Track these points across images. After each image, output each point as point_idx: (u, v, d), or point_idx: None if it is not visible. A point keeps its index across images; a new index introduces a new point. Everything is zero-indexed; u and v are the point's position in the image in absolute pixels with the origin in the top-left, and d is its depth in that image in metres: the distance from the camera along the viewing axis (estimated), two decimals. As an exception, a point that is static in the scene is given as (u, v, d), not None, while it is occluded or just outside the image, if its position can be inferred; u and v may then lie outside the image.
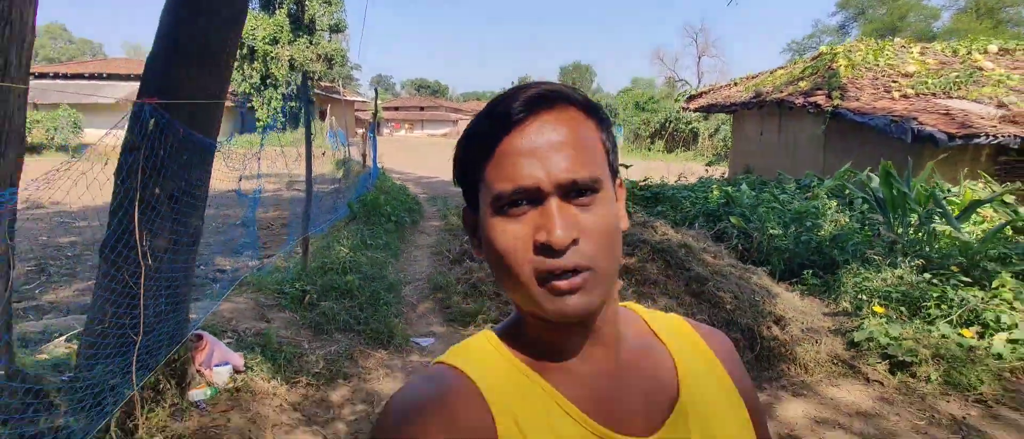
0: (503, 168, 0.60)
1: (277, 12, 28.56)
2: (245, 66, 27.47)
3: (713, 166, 20.55)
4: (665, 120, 31.88)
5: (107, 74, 28.31)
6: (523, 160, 0.60)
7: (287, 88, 27.93)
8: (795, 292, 5.79)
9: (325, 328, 4.67)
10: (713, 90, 17.28)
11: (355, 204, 9.15)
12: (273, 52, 27.94)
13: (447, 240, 8.23)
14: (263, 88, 28.21)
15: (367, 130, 15.41)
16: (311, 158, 6.03)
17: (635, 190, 9.66)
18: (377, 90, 23.66)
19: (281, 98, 27.84)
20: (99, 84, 27.05)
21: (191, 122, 2.86)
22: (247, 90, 27.84)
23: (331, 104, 29.68)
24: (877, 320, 4.63)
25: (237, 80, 26.94)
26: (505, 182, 0.60)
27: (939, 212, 6.14)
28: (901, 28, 40.14)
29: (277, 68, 27.92)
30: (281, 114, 27.21)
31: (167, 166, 2.61)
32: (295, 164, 6.49)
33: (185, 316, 3.05)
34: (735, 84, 16.37)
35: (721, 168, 19.28)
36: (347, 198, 9.43)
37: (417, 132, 60.43)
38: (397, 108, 63.76)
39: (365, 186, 10.89)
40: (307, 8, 29.29)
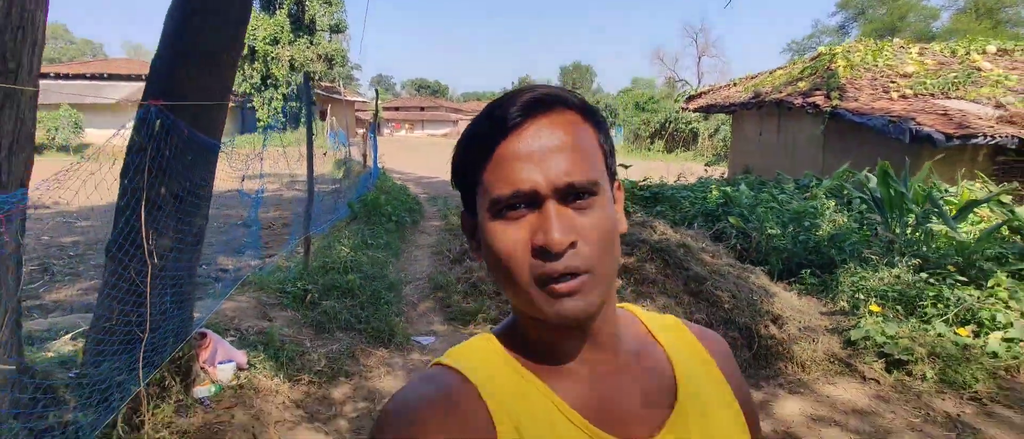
0: (501, 172, 0.61)
1: (277, 12, 28.64)
2: (245, 66, 27.52)
3: (712, 166, 20.56)
4: (665, 120, 31.87)
5: (108, 74, 28.36)
6: (521, 164, 0.60)
7: (287, 88, 27.97)
8: (793, 291, 5.82)
9: (327, 327, 4.71)
10: (712, 90, 17.31)
11: (356, 204, 9.17)
12: (273, 52, 28.00)
13: (447, 240, 8.26)
14: (263, 88, 28.27)
15: (367, 130, 15.43)
16: (313, 158, 6.06)
17: (634, 190, 9.68)
18: (377, 90, 23.71)
19: (282, 98, 27.89)
20: (100, 84, 27.10)
21: (195, 123, 2.91)
22: (247, 90, 27.89)
23: (331, 104, 29.70)
24: (874, 319, 4.66)
25: (237, 80, 26.98)
26: (503, 186, 0.60)
27: (936, 212, 6.17)
28: (901, 28, 40.15)
29: (277, 68, 27.98)
30: (282, 114, 27.25)
31: (172, 166, 2.65)
32: (297, 164, 6.53)
33: (189, 314, 3.10)
34: (734, 84, 16.39)
35: (720, 168, 19.30)
36: (348, 198, 9.45)
37: (417, 132, 60.43)
38: (397, 108, 63.77)
39: (366, 186, 10.91)
40: (307, 8, 29.36)
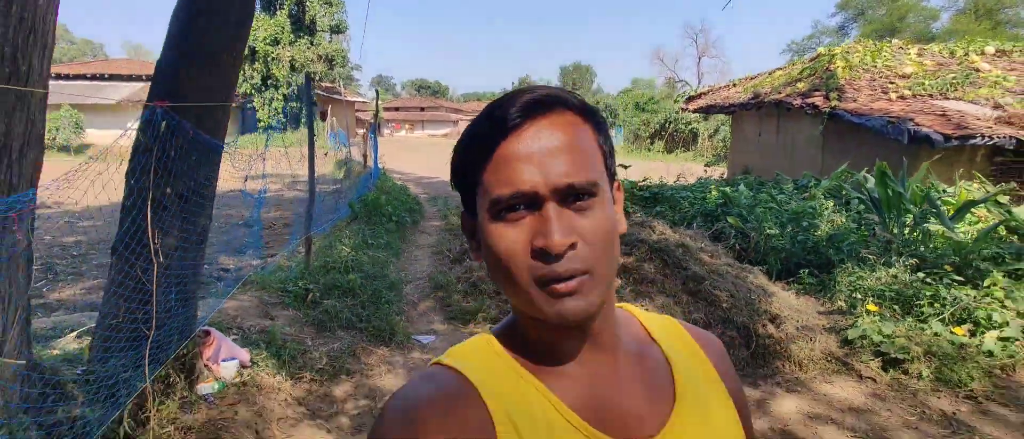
0: (501, 173, 0.61)
1: (278, 13, 28.68)
2: (246, 67, 27.56)
3: (712, 167, 20.60)
4: (665, 121, 31.91)
5: (109, 75, 28.42)
6: (520, 165, 0.60)
7: (288, 89, 28.02)
8: (791, 291, 5.86)
9: (328, 325, 4.74)
10: (712, 91, 17.35)
11: (357, 204, 9.21)
12: (274, 53, 28.04)
13: (447, 240, 8.30)
14: (264, 89, 28.31)
15: (368, 130, 15.46)
16: (314, 158, 6.10)
17: (634, 190, 9.72)
18: (378, 91, 23.76)
19: (282, 99, 27.93)
20: (101, 85, 27.15)
21: (199, 124, 2.95)
22: (248, 91, 27.94)
23: (332, 105, 29.77)
24: (871, 318, 4.70)
25: (238, 81, 26.99)
26: (503, 187, 0.60)
27: (933, 212, 6.21)
28: (900, 29, 40.17)
29: (278, 69, 28.02)
30: (282, 115, 27.30)
31: (177, 167, 2.69)
32: (298, 165, 6.58)
33: (194, 312, 3.14)
34: (734, 85, 16.43)
35: (720, 169, 19.33)
36: (348, 198, 9.49)
37: (417, 132, 60.49)
38: (397, 108, 63.83)
39: (366, 186, 10.95)
40: (308, 9, 29.40)
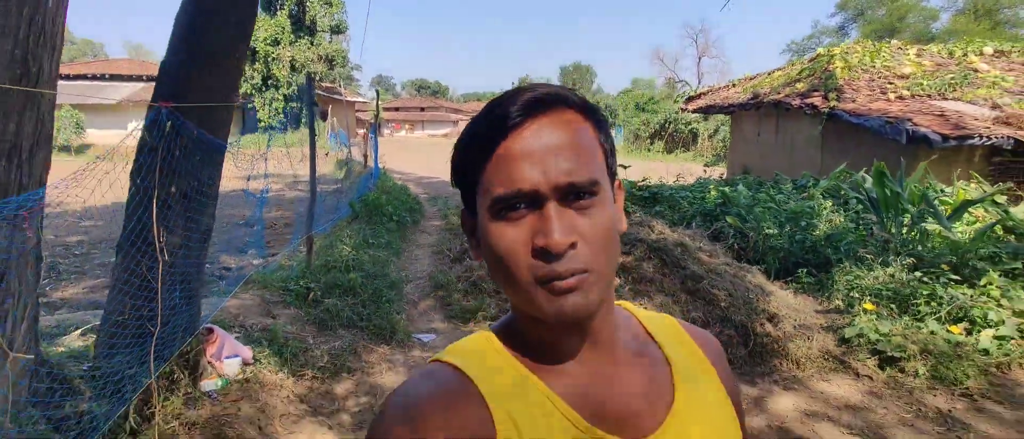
0: (501, 172, 0.60)
1: (278, 13, 28.71)
2: (246, 67, 27.60)
3: (712, 167, 20.64)
4: (665, 121, 31.96)
5: (110, 75, 28.48)
6: (521, 164, 0.60)
7: (288, 89, 28.05)
8: (789, 290, 5.90)
9: (329, 324, 4.78)
10: (711, 91, 17.39)
11: (357, 204, 9.25)
12: (274, 53, 28.07)
13: (448, 239, 8.34)
14: (264, 89, 28.35)
15: (368, 131, 15.49)
16: (315, 158, 6.14)
17: (633, 190, 9.76)
18: (378, 91, 23.80)
19: (283, 99, 27.97)
20: (102, 85, 27.19)
21: (202, 124, 2.99)
22: (248, 91, 27.97)
23: (332, 105, 29.81)
24: (868, 317, 4.74)
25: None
26: (503, 186, 0.60)
27: (931, 212, 6.25)
28: (900, 29, 40.22)
29: (278, 69, 28.05)
30: (283, 115, 27.35)
31: (181, 166, 2.73)
32: (299, 165, 6.63)
33: (198, 310, 3.18)
34: (733, 85, 16.47)
35: (719, 169, 19.36)
36: (349, 198, 9.53)
37: (418, 132, 60.56)
38: (398, 109, 63.90)
39: (366, 186, 10.99)
40: (308, 9, 29.44)
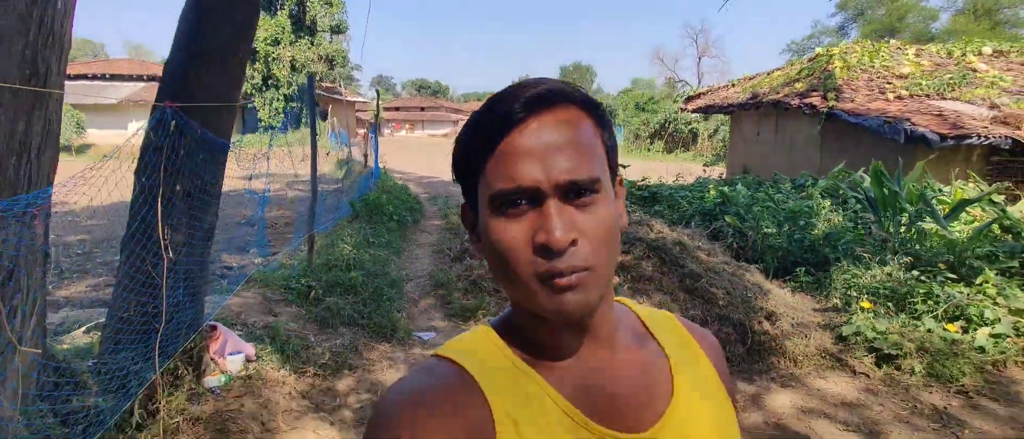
0: (503, 168, 0.60)
1: (279, 13, 28.75)
2: (247, 66, 27.62)
3: (711, 166, 20.68)
4: (665, 121, 32.00)
5: (110, 75, 28.52)
6: (523, 161, 0.60)
7: (289, 89, 28.10)
8: (787, 289, 5.93)
9: (330, 322, 4.82)
10: (711, 91, 17.43)
11: (358, 203, 9.29)
12: (275, 53, 28.12)
13: (448, 238, 8.37)
14: (264, 89, 28.40)
15: (368, 130, 15.54)
16: (316, 158, 6.18)
17: (633, 190, 9.80)
18: (378, 91, 23.84)
19: (283, 99, 28.02)
20: (102, 84, 27.24)
21: (205, 123, 3.03)
22: (248, 91, 28.02)
23: (332, 105, 29.86)
24: (865, 315, 4.77)
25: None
26: (505, 182, 0.60)
27: (928, 211, 6.29)
28: (900, 29, 40.25)
29: (279, 69, 28.10)
30: (283, 115, 27.39)
31: (185, 165, 2.77)
32: (300, 164, 6.67)
33: (201, 307, 3.22)
34: (733, 85, 16.51)
35: (719, 168, 19.40)
36: (349, 197, 9.57)
37: (418, 132, 60.62)
38: (398, 108, 63.97)
39: (367, 186, 11.03)
40: (308, 9, 29.48)
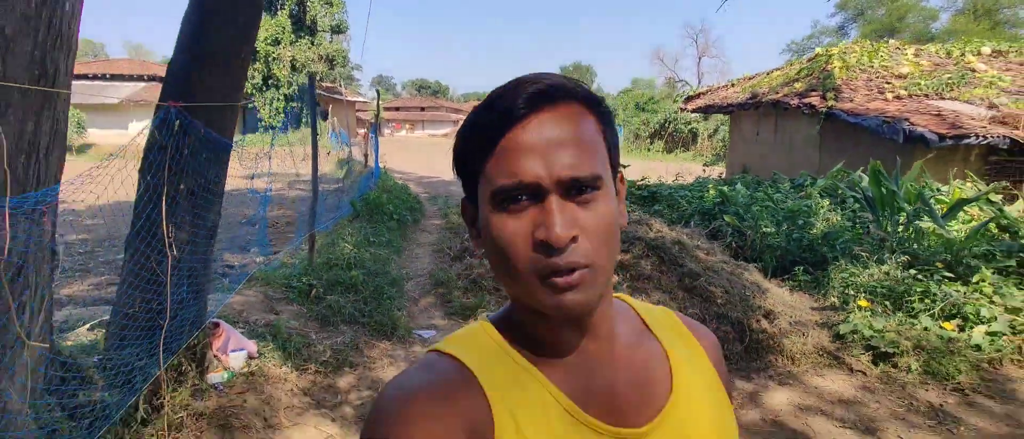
0: (504, 164, 0.60)
1: (279, 13, 28.77)
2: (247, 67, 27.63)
3: (711, 166, 20.72)
4: (665, 121, 32.04)
5: (110, 75, 28.55)
6: (524, 156, 0.59)
7: (289, 89, 28.12)
8: (785, 287, 5.96)
9: (331, 320, 4.85)
10: (711, 91, 17.47)
11: (358, 203, 9.33)
12: (275, 53, 28.13)
13: (448, 238, 8.41)
14: (265, 88, 28.41)
15: (368, 130, 15.58)
16: (317, 157, 6.22)
17: (633, 189, 9.83)
18: (378, 91, 23.87)
19: (283, 99, 28.04)
20: (103, 84, 27.27)
21: (208, 123, 3.06)
22: (249, 91, 28.04)
23: (332, 104, 29.90)
24: (862, 313, 4.80)
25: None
26: (506, 178, 0.60)
27: (926, 210, 6.32)
28: (900, 29, 40.28)
29: (279, 69, 28.12)
30: (284, 115, 27.42)
31: (188, 164, 2.80)
32: (301, 164, 6.71)
33: (204, 304, 3.26)
34: (732, 85, 16.55)
35: (719, 168, 19.44)
36: (350, 197, 9.61)
37: (418, 132, 60.64)
38: (398, 108, 63.97)
39: (367, 185, 11.07)
40: (309, 9, 29.50)
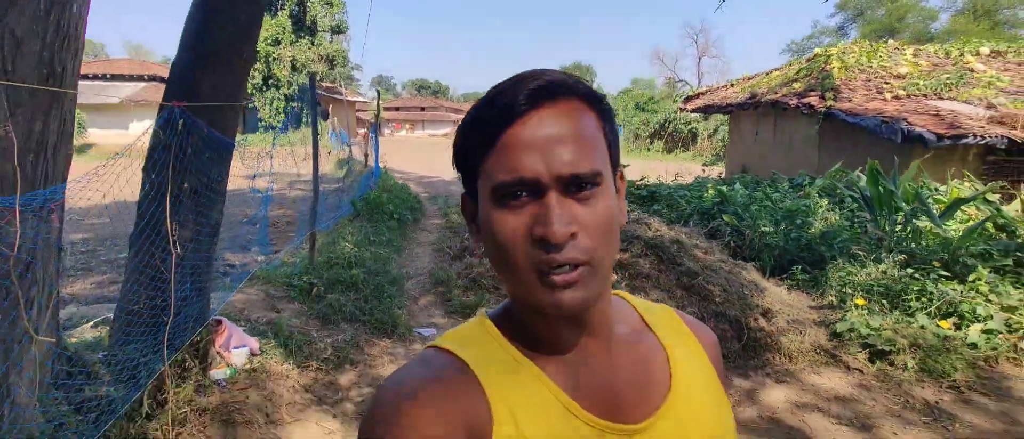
0: (504, 160, 0.60)
1: (279, 13, 28.81)
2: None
3: (711, 166, 20.76)
4: (664, 121, 32.07)
5: (111, 75, 28.59)
6: (524, 152, 0.59)
7: (289, 89, 28.16)
8: (783, 286, 5.98)
9: (332, 318, 4.89)
10: (710, 91, 17.51)
11: (359, 202, 9.36)
12: (275, 53, 28.17)
13: (448, 237, 8.44)
14: (265, 88, 28.45)
15: (369, 130, 15.61)
16: (318, 157, 6.25)
17: (632, 189, 9.86)
18: (379, 91, 23.91)
19: (284, 99, 28.07)
20: (103, 84, 27.31)
21: (211, 123, 3.10)
22: (249, 90, 28.08)
23: (333, 104, 29.94)
24: (859, 312, 4.84)
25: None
26: (506, 174, 0.60)
27: (923, 210, 6.36)
28: (900, 29, 40.32)
29: (279, 69, 28.16)
30: (284, 115, 27.46)
31: (192, 163, 2.84)
32: (302, 164, 6.75)
33: (207, 302, 3.29)
34: (732, 85, 16.60)
35: (718, 168, 19.47)
36: (350, 196, 9.65)
37: (418, 132, 60.67)
38: (398, 108, 63.99)
39: (367, 185, 11.11)
40: (309, 9, 29.54)
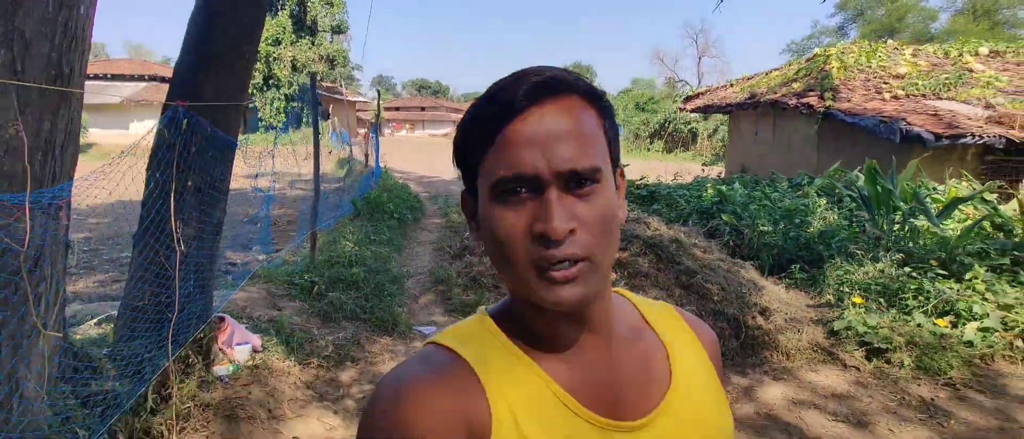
0: (504, 156, 0.60)
1: (280, 13, 28.84)
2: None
3: (710, 166, 20.80)
4: (664, 120, 32.12)
5: (111, 75, 28.64)
6: (524, 149, 0.59)
7: (290, 89, 28.20)
8: (782, 285, 6.02)
9: (333, 316, 4.93)
10: (710, 91, 17.55)
11: (359, 202, 9.40)
12: (276, 53, 28.20)
13: (448, 236, 8.48)
14: (265, 88, 28.49)
15: (369, 130, 15.66)
16: (318, 156, 6.29)
17: (631, 189, 9.90)
18: (379, 91, 23.95)
19: (284, 99, 28.11)
20: (104, 84, 27.36)
21: (214, 122, 3.14)
22: (249, 91, 28.09)
23: (333, 104, 29.97)
24: (856, 310, 4.87)
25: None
26: (505, 170, 0.60)
27: (921, 209, 6.39)
28: (900, 29, 40.34)
29: (280, 69, 28.20)
30: (284, 115, 27.51)
31: (195, 162, 2.88)
32: (303, 163, 6.79)
33: (210, 299, 3.33)
34: (731, 85, 16.63)
35: (718, 168, 19.51)
36: (351, 196, 9.69)
37: (418, 132, 60.70)
38: (398, 108, 64.03)
39: (368, 185, 11.15)
40: (309, 9, 29.57)
